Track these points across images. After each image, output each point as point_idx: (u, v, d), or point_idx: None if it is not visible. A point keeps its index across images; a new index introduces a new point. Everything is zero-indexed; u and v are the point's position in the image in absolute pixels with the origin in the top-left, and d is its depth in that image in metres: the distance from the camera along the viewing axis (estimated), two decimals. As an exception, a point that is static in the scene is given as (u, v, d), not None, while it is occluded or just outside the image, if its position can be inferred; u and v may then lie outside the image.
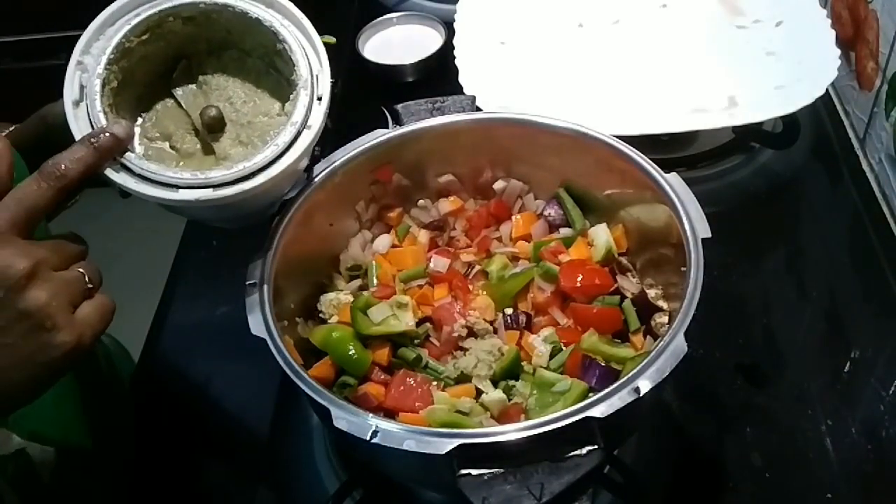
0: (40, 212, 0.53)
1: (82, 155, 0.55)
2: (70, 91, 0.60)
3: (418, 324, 0.71)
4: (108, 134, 0.58)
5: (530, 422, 0.54)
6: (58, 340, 0.51)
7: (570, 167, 0.78)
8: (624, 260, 0.75)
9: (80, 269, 0.54)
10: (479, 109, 0.79)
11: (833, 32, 1.01)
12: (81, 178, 0.55)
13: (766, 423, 0.79)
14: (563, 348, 0.69)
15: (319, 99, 0.64)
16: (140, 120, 0.66)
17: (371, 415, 0.56)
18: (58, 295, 0.51)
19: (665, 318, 0.70)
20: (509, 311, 0.73)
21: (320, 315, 0.74)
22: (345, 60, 1.21)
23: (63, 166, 0.54)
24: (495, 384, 0.68)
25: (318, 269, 0.76)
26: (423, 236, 0.80)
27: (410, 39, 1.22)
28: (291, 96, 0.64)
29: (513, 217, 0.80)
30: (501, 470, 0.53)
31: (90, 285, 0.54)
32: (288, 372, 0.60)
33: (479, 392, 0.67)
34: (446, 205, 0.81)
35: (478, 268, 0.77)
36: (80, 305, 0.53)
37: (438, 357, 0.70)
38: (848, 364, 0.83)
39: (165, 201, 0.60)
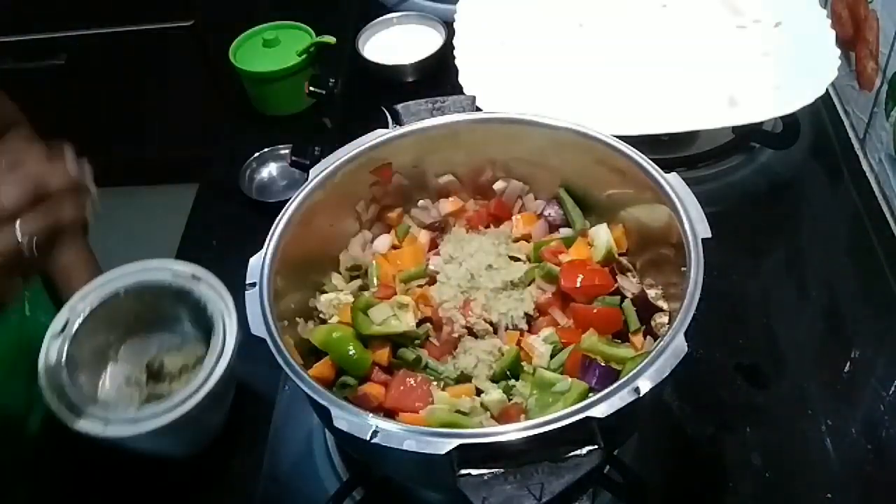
0: None
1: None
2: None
3: (418, 324, 0.71)
4: None
5: (530, 422, 0.54)
6: None
7: (570, 167, 0.78)
8: (624, 260, 0.75)
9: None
10: (479, 109, 0.79)
11: (833, 32, 1.01)
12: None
13: (766, 423, 0.79)
14: (563, 348, 0.69)
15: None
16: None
17: (371, 415, 0.56)
18: None
19: (665, 318, 0.70)
20: (510, 311, 0.73)
21: (320, 315, 0.74)
22: (345, 60, 1.21)
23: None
24: (495, 384, 0.68)
25: (318, 269, 0.76)
26: (423, 236, 0.80)
27: (410, 39, 1.22)
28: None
29: (513, 217, 0.80)
30: (501, 470, 0.53)
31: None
32: (288, 372, 0.60)
33: (479, 392, 0.67)
34: (446, 205, 0.81)
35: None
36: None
37: (438, 357, 0.70)
38: (848, 364, 0.83)
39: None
